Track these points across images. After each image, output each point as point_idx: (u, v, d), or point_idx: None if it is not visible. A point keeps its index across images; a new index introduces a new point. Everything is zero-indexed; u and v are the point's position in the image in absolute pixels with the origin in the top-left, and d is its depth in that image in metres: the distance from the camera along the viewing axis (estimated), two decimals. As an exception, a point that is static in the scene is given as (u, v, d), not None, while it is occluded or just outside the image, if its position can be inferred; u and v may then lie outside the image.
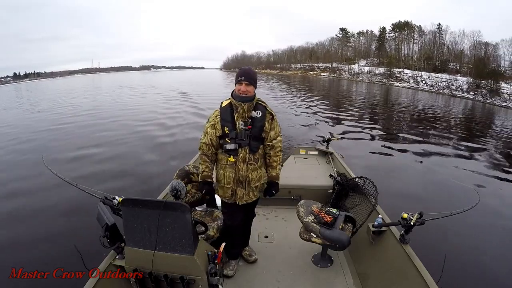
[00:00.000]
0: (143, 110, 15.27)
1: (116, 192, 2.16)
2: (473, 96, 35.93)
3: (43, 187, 5.29)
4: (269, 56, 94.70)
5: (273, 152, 2.19)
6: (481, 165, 7.85)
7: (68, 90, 33.79)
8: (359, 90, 36.64)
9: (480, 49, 42.75)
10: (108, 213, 1.97)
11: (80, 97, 23.78)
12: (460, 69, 43.50)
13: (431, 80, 44.74)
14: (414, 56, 52.53)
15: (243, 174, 2.14)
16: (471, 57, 43.46)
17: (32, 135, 10.16)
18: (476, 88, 37.25)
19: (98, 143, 8.78)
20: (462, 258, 3.55)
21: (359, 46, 65.82)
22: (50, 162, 2.53)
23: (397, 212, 2.21)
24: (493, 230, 4.35)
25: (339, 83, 47.68)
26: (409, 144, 9.75)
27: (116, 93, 26.68)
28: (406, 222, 2.10)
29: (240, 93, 2.05)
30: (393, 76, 51.42)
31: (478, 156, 8.81)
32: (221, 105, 2.14)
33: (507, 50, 39.34)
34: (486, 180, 6.61)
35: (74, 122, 12.26)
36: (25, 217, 4.44)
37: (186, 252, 1.71)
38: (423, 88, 43.84)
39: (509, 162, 8.35)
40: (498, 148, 10.10)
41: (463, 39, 45.93)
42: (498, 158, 8.75)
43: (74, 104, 18.92)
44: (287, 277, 2.39)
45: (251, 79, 2.05)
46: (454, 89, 40.00)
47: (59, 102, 20.57)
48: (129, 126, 11.13)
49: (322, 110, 15.98)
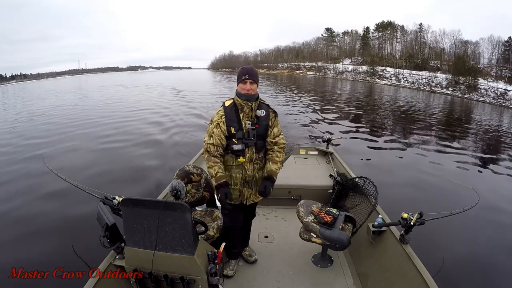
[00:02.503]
0: (139, 108, 15.35)
1: (116, 192, 2.16)
2: (451, 92, 38.71)
3: (43, 187, 5.28)
4: (257, 55, 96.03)
5: (277, 147, 2.17)
6: (481, 164, 7.87)
7: (56, 91, 34.12)
8: (344, 87, 38.20)
9: (461, 48, 45.01)
10: (108, 213, 1.96)
11: (75, 98, 23.90)
12: (441, 66, 45.73)
13: (412, 78, 47.36)
14: (396, 54, 54.47)
15: (250, 174, 2.14)
16: (451, 55, 45.80)
17: (32, 135, 10.16)
18: (454, 84, 39.84)
19: (98, 143, 8.78)
20: (462, 258, 3.55)
21: (344, 45, 67.59)
22: (51, 162, 2.52)
23: (397, 212, 2.21)
24: (493, 230, 4.34)
25: (324, 81, 49.40)
26: (409, 143, 9.75)
27: (111, 92, 26.93)
28: (406, 222, 2.10)
29: (246, 92, 2.03)
30: (376, 74, 53.78)
31: (478, 155, 8.83)
32: (225, 105, 2.11)
33: (485, 48, 42.16)
34: (486, 180, 6.62)
35: (73, 121, 12.26)
36: (25, 217, 4.44)
37: (186, 252, 1.71)
38: (404, 85, 46.40)
39: (509, 161, 8.37)
40: (499, 147, 10.12)
41: (443, 38, 48.40)
42: (499, 157, 8.76)
43: (70, 104, 18.96)
44: (287, 277, 2.38)
45: (254, 77, 2.04)
46: (433, 86, 42.62)
47: (52, 103, 20.58)
48: (129, 126, 11.13)
49: (315, 109, 16.10)
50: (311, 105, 17.82)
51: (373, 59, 55.74)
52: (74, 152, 7.88)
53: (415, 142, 10.09)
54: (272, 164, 2.17)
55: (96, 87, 35.64)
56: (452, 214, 2.13)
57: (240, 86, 2.06)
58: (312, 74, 68.07)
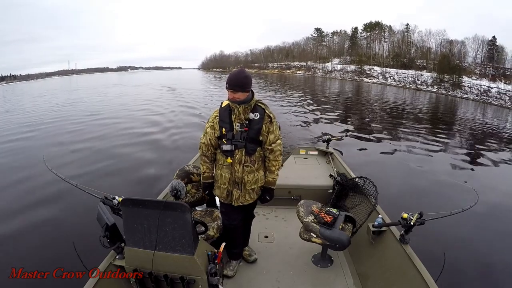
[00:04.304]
0: (138, 109, 15.36)
1: (116, 192, 2.16)
2: (436, 90, 40.43)
3: (43, 187, 5.28)
4: (247, 55, 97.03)
5: (272, 156, 2.15)
6: (481, 164, 7.88)
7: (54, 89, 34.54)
8: (334, 86, 39.09)
9: (446, 47, 46.62)
10: (108, 213, 1.96)
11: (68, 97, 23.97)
12: (427, 65, 47.27)
13: (398, 76, 49.12)
14: (384, 54, 55.79)
15: (239, 176, 2.14)
16: (437, 54, 47.32)
17: (31, 134, 10.17)
18: (439, 82, 41.60)
19: (98, 143, 8.77)
20: (462, 258, 3.55)
21: (333, 45, 68.81)
22: (51, 162, 2.52)
23: (397, 212, 2.21)
24: (492, 229, 4.34)
25: (313, 80, 50.47)
26: (410, 143, 9.75)
27: (104, 93, 26.97)
28: (406, 222, 2.10)
29: (231, 99, 2.03)
30: (364, 73, 55.38)
31: (477, 155, 8.84)
32: (221, 106, 2.14)
33: (470, 47, 43.88)
34: (485, 179, 6.62)
35: (72, 121, 12.26)
36: (25, 217, 4.43)
37: (186, 252, 1.71)
38: (390, 83, 48.04)
39: (508, 159, 8.39)
40: (498, 147, 10.13)
41: (429, 38, 50.11)
42: (499, 157, 8.76)
43: (69, 103, 18.98)
44: (287, 277, 2.38)
45: (236, 86, 1.98)
46: (419, 84, 44.38)
47: (52, 102, 20.62)
48: (128, 125, 11.12)
49: (310, 109, 16.08)
50: (305, 104, 17.88)
51: (361, 58, 57.29)
52: (73, 152, 7.86)
53: (414, 141, 10.10)
54: (268, 174, 2.20)
55: (91, 87, 35.96)
56: (451, 214, 2.14)
57: None
58: (302, 74, 69.34)
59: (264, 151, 2.16)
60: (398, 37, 54.51)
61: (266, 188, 2.23)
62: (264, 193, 2.25)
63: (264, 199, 2.27)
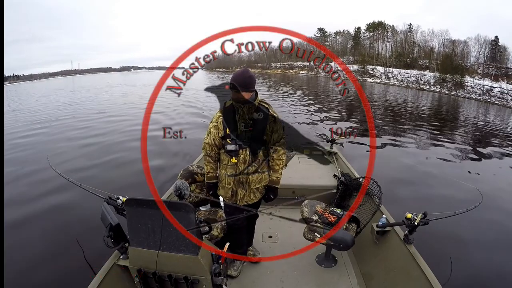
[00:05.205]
0: (143, 108, 15.33)
1: (120, 192, 2.16)
2: (439, 89, 40.61)
3: (47, 187, 5.30)
4: (250, 55, 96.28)
5: (276, 155, 2.15)
6: (484, 164, 7.85)
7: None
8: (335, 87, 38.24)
9: (449, 47, 46.61)
10: (112, 213, 1.97)
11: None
12: (429, 65, 47.26)
13: (401, 76, 48.97)
14: (387, 54, 55.76)
15: (244, 176, 2.14)
16: (439, 54, 47.39)
17: (31, 134, 10.25)
18: (442, 82, 41.69)
19: (99, 143, 8.81)
20: (466, 258, 3.52)
21: (336, 45, 68.36)
22: (55, 162, 2.54)
23: (401, 212, 2.20)
24: (497, 229, 4.31)
25: (316, 80, 50.20)
26: (411, 143, 9.71)
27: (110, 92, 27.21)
28: (410, 222, 2.10)
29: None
30: (367, 72, 55.05)
31: (479, 155, 8.78)
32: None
33: (472, 47, 43.96)
34: (489, 178, 6.57)
35: (75, 121, 12.32)
36: (27, 217, 4.45)
37: (190, 252, 1.71)
38: (393, 83, 47.95)
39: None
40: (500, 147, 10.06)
41: (432, 38, 49.94)
42: (502, 156, 8.70)
43: (75, 103, 19.12)
44: (291, 277, 2.38)
45: (241, 86, 1.95)
46: (422, 84, 44.34)
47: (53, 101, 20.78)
48: (131, 125, 11.13)
49: (316, 109, 16.09)
50: (308, 104, 17.87)
51: (364, 58, 57.14)
52: (77, 151, 7.90)
53: (417, 141, 10.05)
54: (272, 174, 2.21)
55: (99, 88, 36.19)
56: (456, 214, 2.13)
57: None
58: (305, 73, 69.23)
59: (268, 151, 2.16)
60: (401, 37, 54.48)
61: (270, 187, 2.24)
62: (268, 192, 2.26)
63: (268, 198, 2.27)
